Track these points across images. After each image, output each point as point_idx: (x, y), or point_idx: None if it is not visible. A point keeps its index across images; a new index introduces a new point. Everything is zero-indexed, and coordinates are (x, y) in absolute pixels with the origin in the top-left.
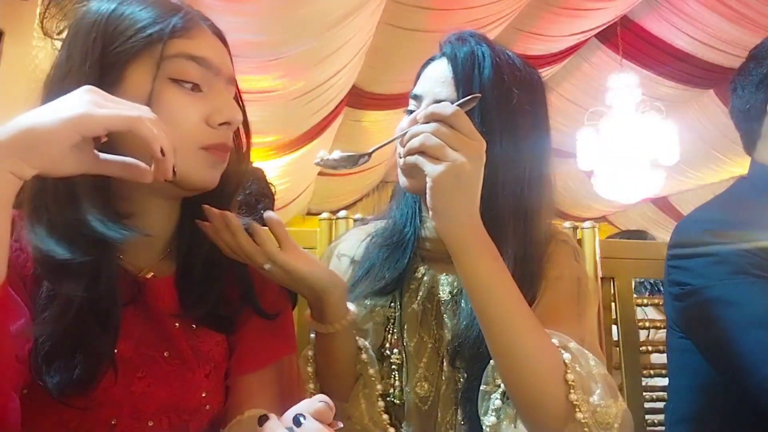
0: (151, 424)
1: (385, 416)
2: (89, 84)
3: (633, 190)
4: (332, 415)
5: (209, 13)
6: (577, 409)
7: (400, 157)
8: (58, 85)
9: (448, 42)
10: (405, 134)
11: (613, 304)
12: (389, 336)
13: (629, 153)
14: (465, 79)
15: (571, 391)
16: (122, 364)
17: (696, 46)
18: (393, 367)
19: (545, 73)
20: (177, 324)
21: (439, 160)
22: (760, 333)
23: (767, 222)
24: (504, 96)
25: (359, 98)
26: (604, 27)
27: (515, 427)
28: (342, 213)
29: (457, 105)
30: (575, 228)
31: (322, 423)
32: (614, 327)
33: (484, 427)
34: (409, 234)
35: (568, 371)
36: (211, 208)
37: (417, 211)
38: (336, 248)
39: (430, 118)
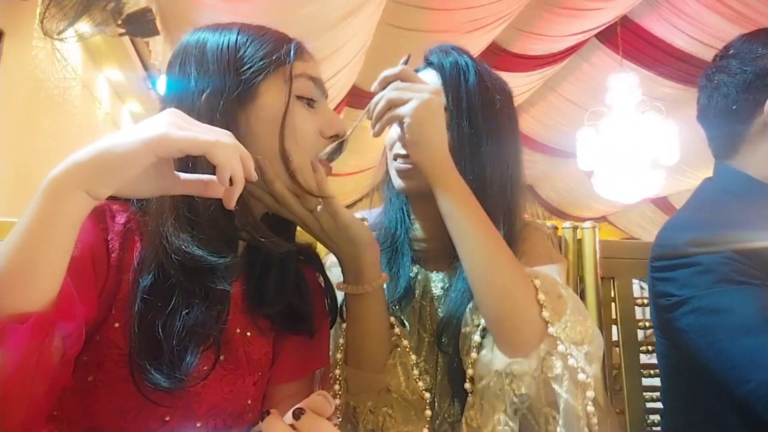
0: (198, 424)
1: (421, 383)
2: (229, 101)
3: (633, 190)
4: (331, 409)
5: (209, 13)
6: (550, 325)
7: (395, 159)
8: (197, 106)
9: (434, 53)
10: (370, 109)
11: (613, 304)
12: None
13: (629, 153)
14: (453, 85)
15: (543, 309)
16: None
17: (696, 46)
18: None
19: (545, 73)
20: (238, 330)
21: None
22: (749, 340)
23: (745, 226)
24: (488, 101)
25: (359, 98)
26: (604, 27)
27: (493, 354)
28: None
29: (401, 64)
30: (575, 228)
31: (320, 416)
32: (614, 327)
33: (465, 368)
34: (402, 237)
35: (539, 293)
36: (264, 159)
37: (406, 214)
38: (328, 259)
39: (384, 82)
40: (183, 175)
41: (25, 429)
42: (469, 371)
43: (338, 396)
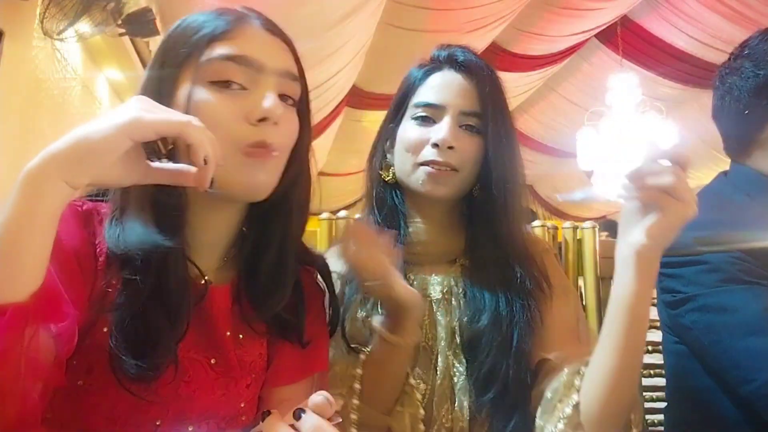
0: (191, 429)
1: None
2: (161, 94)
3: None
4: (332, 410)
5: None
6: (633, 426)
7: (421, 165)
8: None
9: (455, 53)
10: (639, 172)
11: None
12: None
13: (629, 153)
14: (483, 91)
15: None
16: (173, 366)
17: (696, 46)
18: None
19: (545, 73)
20: (228, 333)
21: (675, 200)
22: (754, 340)
23: (755, 226)
24: (503, 105)
25: (359, 98)
26: (604, 27)
27: None
28: (342, 213)
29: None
30: (575, 228)
31: (321, 417)
32: None
33: (535, 425)
34: (398, 242)
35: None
36: (356, 224)
37: (401, 218)
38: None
39: (677, 160)
40: (154, 164)
41: (21, 427)
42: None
43: (354, 425)
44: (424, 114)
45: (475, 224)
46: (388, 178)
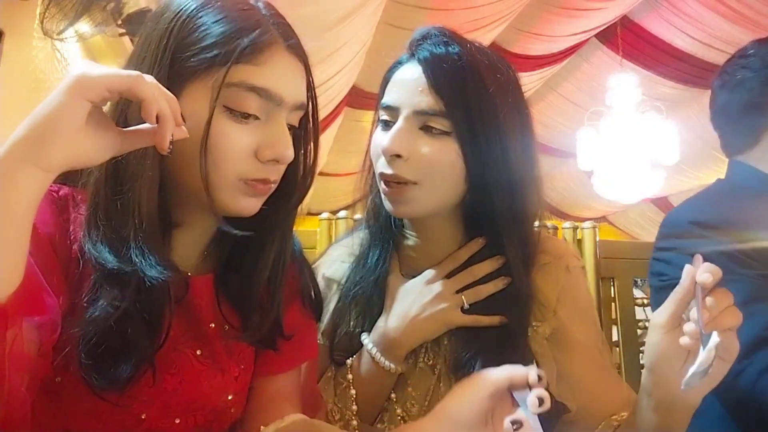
0: (177, 421)
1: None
2: None
3: (633, 190)
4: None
5: None
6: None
7: (382, 179)
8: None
9: (417, 44)
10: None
11: (613, 304)
12: None
13: (629, 153)
14: (445, 86)
15: None
16: (157, 359)
17: (696, 46)
18: None
19: (545, 73)
20: (212, 324)
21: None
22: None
23: (752, 218)
24: (486, 98)
25: (359, 98)
26: (604, 27)
27: None
28: (342, 213)
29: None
30: (575, 228)
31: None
32: (614, 327)
33: None
34: (391, 256)
35: None
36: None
37: (396, 230)
38: (320, 270)
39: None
40: (125, 129)
41: (11, 422)
42: None
43: None
44: (386, 115)
45: (471, 236)
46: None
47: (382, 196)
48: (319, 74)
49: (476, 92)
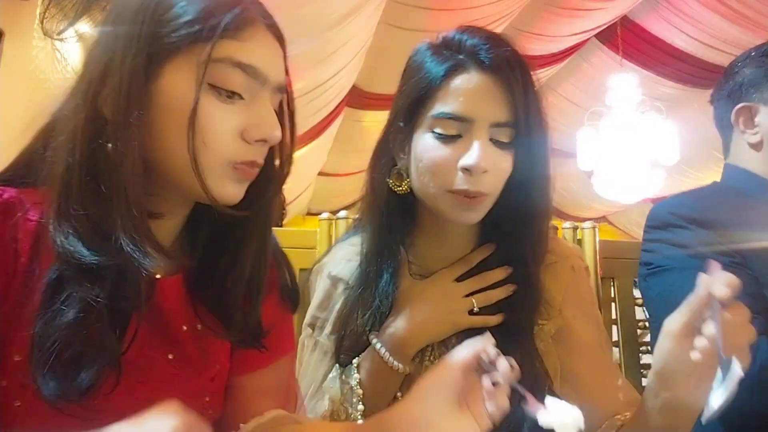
0: None
1: None
2: (134, 76)
3: (633, 190)
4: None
5: None
6: None
7: (455, 193)
8: (100, 70)
9: (480, 49)
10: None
11: (613, 304)
12: None
13: (629, 153)
14: (522, 96)
15: None
16: (126, 367)
17: (696, 46)
18: None
19: (545, 73)
20: (184, 327)
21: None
22: None
23: (736, 220)
24: (542, 110)
25: (359, 98)
26: (604, 27)
27: None
28: (342, 213)
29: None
30: (575, 228)
31: None
32: (614, 327)
33: None
34: (406, 252)
35: None
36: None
37: (412, 229)
38: (325, 268)
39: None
40: None
41: None
42: None
43: None
44: (448, 126)
45: (486, 236)
46: (400, 189)
47: (445, 205)
48: (319, 74)
49: (534, 104)
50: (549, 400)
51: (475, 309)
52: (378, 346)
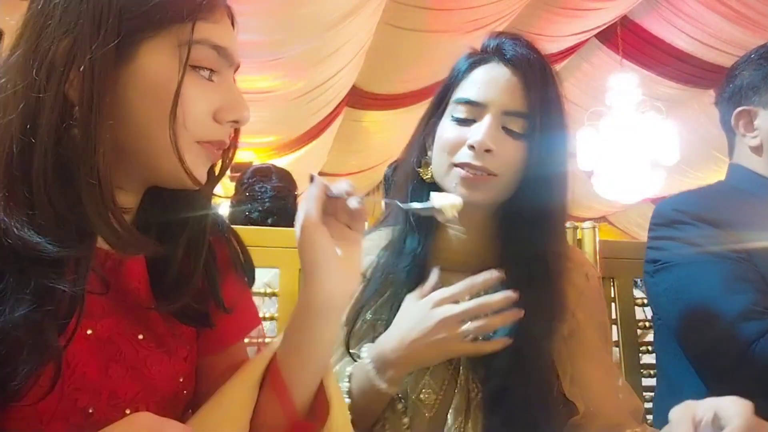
0: (128, 411)
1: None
2: (100, 55)
3: (633, 190)
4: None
5: None
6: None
7: (460, 167)
8: (50, 55)
9: (504, 44)
10: None
11: (613, 304)
12: None
13: (629, 153)
14: (534, 90)
15: None
16: (99, 345)
17: (696, 46)
18: None
19: None
20: (152, 305)
21: None
22: (710, 306)
23: (741, 214)
24: (561, 108)
25: (359, 98)
26: (604, 27)
27: None
28: None
29: None
30: (575, 228)
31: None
32: (614, 327)
33: None
34: (428, 245)
35: None
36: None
37: (431, 227)
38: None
39: None
40: None
41: None
42: None
43: None
44: (464, 111)
45: (509, 236)
46: (427, 176)
47: (452, 180)
48: (319, 74)
49: (552, 100)
50: (432, 194)
51: (468, 338)
52: (367, 361)
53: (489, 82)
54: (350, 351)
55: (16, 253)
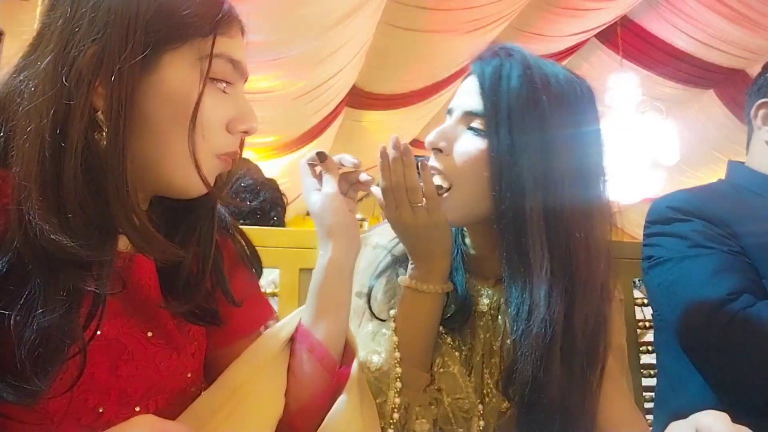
0: (137, 409)
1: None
2: (128, 66)
3: (633, 190)
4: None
5: None
6: None
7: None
8: (78, 62)
9: (479, 58)
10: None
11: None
12: None
13: (629, 153)
14: (491, 91)
15: None
16: (108, 345)
17: (696, 46)
18: None
19: None
20: (162, 304)
21: None
22: (700, 296)
23: (736, 210)
24: (533, 105)
25: (359, 98)
26: (604, 27)
27: None
28: None
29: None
30: None
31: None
32: None
33: None
34: (459, 243)
35: None
36: (398, 138)
37: (459, 230)
38: (368, 238)
39: None
40: None
41: None
42: None
43: (399, 394)
44: (447, 120)
45: (506, 255)
46: None
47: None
48: (319, 74)
49: (522, 98)
50: None
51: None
52: (408, 281)
53: (460, 91)
54: (372, 310)
55: (47, 255)
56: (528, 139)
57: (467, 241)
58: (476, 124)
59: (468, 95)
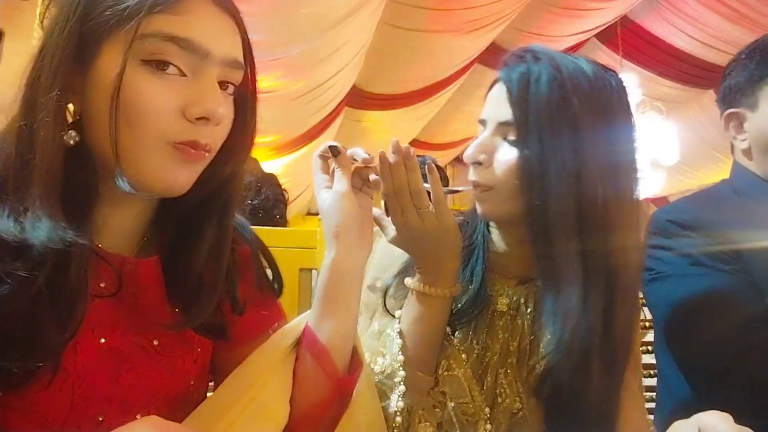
0: (138, 416)
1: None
2: (64, 61)
3: None
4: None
5: None
6: None
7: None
8: (38, 66)
9: (504, 64)
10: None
11: None
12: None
13: None
14: (520, 99)
15: None
16: (111, 354)
17: (696, 46)
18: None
19: None
20: (167, 309)
21: None
22: (700, 316)
23: (737, 221)
24: (563, 108)
25: (359, 98)
26: (604, 27)
27: None
28: None
29: None
30: None
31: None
32: None
33: None
34: (480, 240)
35: None
36: (398, 142)
37: (484, 225)
38: (386, 229)
39: None
40: None
41: None
42: None
43: (402, 397)
44: (479, 132)
45: (537, 254)
46: None
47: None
48: (319, 74)
49: (550, 105)
50: None
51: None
52: (416, 284)
53: (490, 100)
54: (387, 307)
55: (26, 249)
56: (559, 144)
57: (494, 238)
58: (509, 133)
59: (498, 104)
